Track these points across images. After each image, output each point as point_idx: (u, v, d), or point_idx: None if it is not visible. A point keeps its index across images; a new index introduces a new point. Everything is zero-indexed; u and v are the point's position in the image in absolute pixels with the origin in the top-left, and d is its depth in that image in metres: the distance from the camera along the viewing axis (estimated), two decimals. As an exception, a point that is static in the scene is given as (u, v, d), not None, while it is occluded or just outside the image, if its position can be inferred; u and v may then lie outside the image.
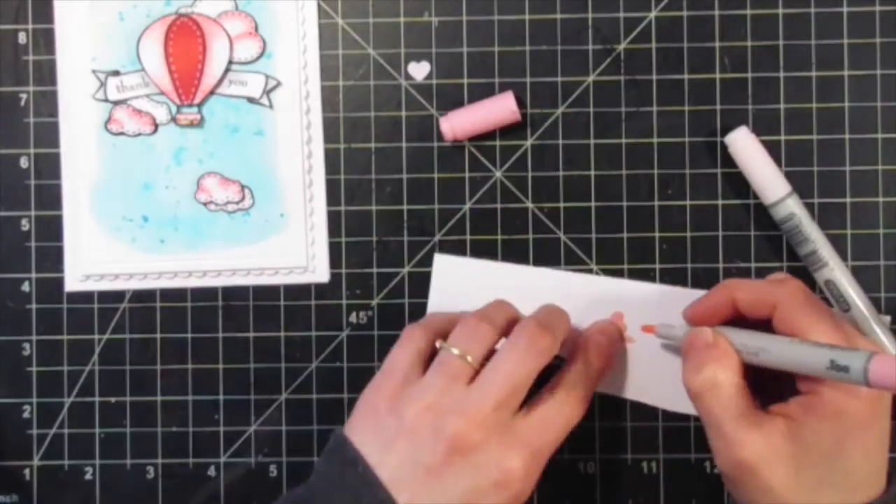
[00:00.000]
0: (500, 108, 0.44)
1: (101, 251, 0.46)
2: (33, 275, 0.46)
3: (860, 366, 0.32)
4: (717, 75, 0.46)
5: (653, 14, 0.46)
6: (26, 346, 0.46)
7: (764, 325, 0.38)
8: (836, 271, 0.43)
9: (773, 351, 0.36)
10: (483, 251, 0.46)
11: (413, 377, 0.38)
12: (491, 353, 0.39)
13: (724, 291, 0.39)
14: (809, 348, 0.35)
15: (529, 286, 0.45)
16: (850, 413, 0.35)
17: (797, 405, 0.36)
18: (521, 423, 0.38)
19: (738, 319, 0.39)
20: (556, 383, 0.40)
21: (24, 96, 0.47)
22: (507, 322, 0.40)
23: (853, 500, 0.36)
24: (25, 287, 0.47)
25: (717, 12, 0.46)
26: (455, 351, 0.38)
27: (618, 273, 0.46)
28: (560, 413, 0.39)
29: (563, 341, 0.40)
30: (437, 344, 0.39)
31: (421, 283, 0.46)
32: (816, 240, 0.43)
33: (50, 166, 0.46)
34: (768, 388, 0.38)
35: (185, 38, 0.45)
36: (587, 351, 0.42)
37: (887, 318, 0.45)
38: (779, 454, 0.35)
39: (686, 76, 0.46)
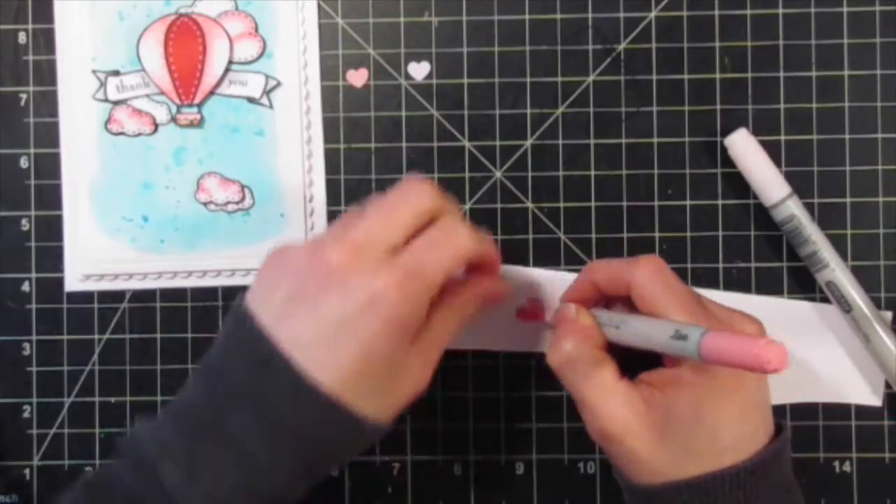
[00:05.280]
0: None
1: (101, 251, 0.46)
2: (33, 275, 0.47)
3: (695, 340, 0.33)
4: (717, 75, 0.46)
5: (653, 14, 0.46)
6: (26, 346, 0.46)
7: None
8: (838, 272, 0.43)
9: (629, 325, 0.37)
10: (483, 251, 0.46)
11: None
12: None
13: (586, 274, 0.40)
14: (656, 324, 0.36)
15: (530, 287, 0.45)
16: (705, 383, 0.36)
17: (658, 374, 0.38)
18: (400, 255, 0.36)
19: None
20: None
21: (24, 96, 0.47)
22: None
23: (721, 463, 0.36)
24: (25, 287, 0.47)
25: (717, 12, 0.46)
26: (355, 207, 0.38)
27: (618, 273, 0.46)
28: (441, 243, 0.36)
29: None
30: None
31: (421, 283, 0.46)
32: (817, 241, 0.43)
33: (50, 166, 0.46)
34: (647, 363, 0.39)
35: (185, 38, 0.45)
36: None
37: (888, 315, 0.45)
38: (642, 422, 0.36)
39: (686, 76, 0.46)
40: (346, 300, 0.35)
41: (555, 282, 0.44)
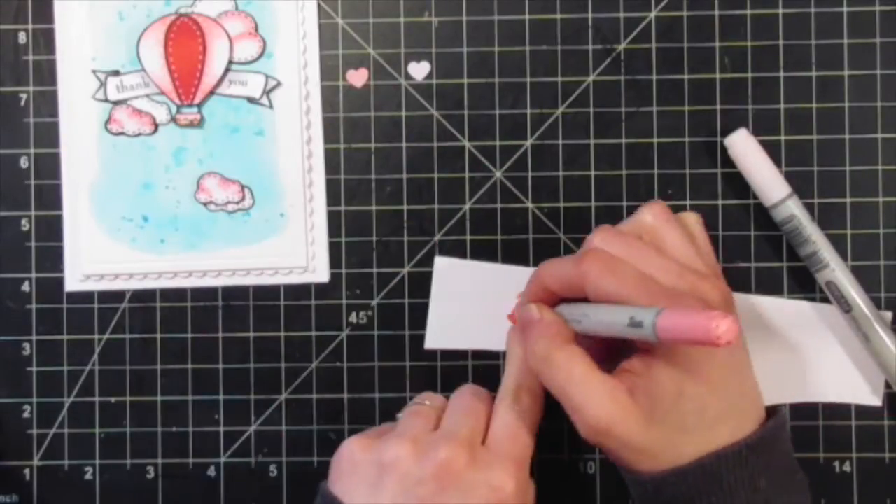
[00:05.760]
0: None
1: (101, 251, 0.46)
2: (33, 275, 0.47)
3: (650, 325, 0.33)
4: (717, 75, 0.46)
5: (653, 14, 0.46)
6: (26, 346, 0.47)
7: None
8: (837, 272, 0.43)
9: (589, 319, 0.37)
10: (483, 251, 0.46)
11: (384, 431, 0.40)
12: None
13: (538, 281, 0.40)
14: (613, 312, 0.35)
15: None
16: (679, 358, 0.36)
17: (637, 359, 0.37)
18: (492, 442, 0.38)
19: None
20: (501, 395, 0.40)
21: (24, 96, 0.47)
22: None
23: (715, 439, 0.36)
24: (25, 287, 0.47)
25: (717, 12, 0.46)
26: (419, 399, 0.41)
27: (618, 273, 0.46)
28: (520, 417, 0.39)
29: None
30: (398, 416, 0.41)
31: (421, 283, 0.46)
32: (817, 241, 0.43)
33: (50, 166, 0.46)
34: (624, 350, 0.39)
35: (185, 38, 0.45)
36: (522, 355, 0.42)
37: (888, 315, 0.45)
38: (627, 410, 0.36)
39: (686, 76, 0.46)
40: (469, 498, 0.36)
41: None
